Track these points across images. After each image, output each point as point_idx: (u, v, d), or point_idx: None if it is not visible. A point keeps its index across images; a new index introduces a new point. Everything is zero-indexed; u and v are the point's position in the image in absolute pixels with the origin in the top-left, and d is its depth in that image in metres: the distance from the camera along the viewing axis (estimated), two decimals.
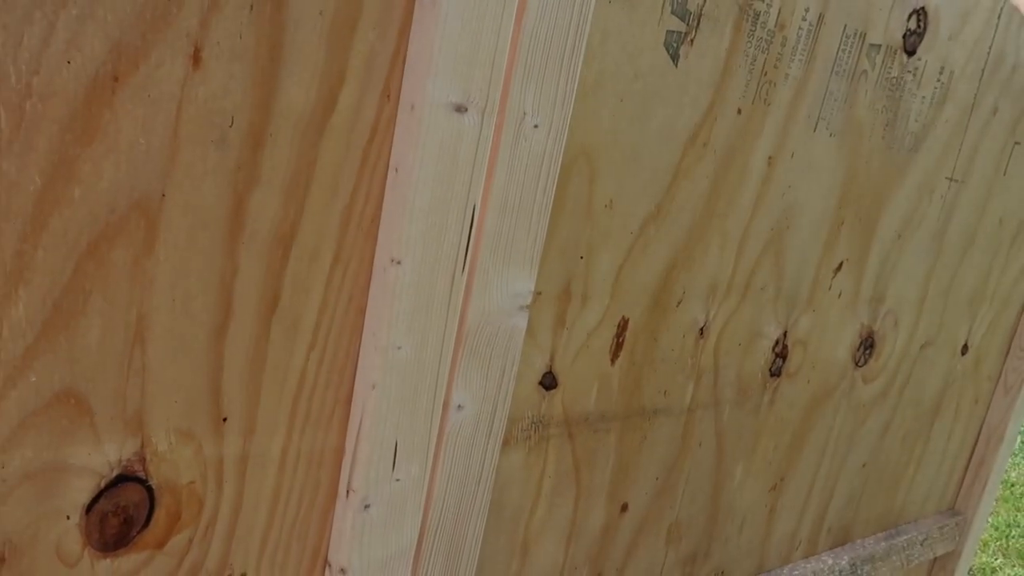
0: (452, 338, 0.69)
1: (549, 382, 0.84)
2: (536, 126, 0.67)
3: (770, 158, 0.96)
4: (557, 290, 0.81)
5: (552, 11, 0.65)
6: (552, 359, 0.84)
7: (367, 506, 0.69)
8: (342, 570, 0.70)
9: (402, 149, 0.63)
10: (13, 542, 0.58)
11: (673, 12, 0.79)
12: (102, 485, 0.60)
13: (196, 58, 0.55)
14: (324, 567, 0.72)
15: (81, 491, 0.59)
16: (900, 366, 1.35)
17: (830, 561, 1.35)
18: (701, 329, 0.98)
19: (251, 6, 0.56)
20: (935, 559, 1.68)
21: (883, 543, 1.45)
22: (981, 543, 3.95)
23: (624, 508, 1.00)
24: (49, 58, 0.50)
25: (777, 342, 1.10)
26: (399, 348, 0.66)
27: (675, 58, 0.81)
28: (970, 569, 3.73)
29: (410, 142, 0.62)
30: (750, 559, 1.24)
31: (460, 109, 0.63)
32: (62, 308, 0.55)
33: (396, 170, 0.63)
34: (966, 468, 1.65)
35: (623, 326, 0.89)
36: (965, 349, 1.49)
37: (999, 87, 1.26)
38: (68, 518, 0.59)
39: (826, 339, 1.18)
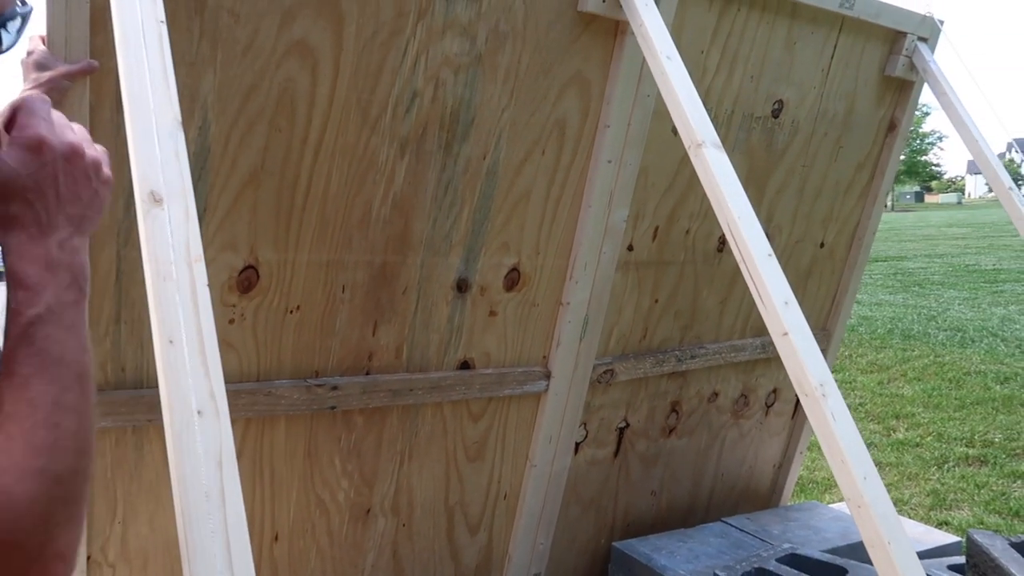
0: None
1: None
2: None
3: None
4: None
5: None
6: None
7: (577, 282, 2.30)
8: (568, 304, 2.31)
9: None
10: None
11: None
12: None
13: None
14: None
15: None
16: (784, 249, 2.92)
17: (751, 341, 2.95)
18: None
19: None
20: None
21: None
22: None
23: None
24: None
25: (720, 238, 2.67)
26: (590, 206, 2.26)
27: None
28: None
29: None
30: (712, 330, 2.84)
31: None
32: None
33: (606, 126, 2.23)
34: (830, 307, 3.23)
35: None
36: (823, 244, 3.05)
37: (826, 122, 2.79)
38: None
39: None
